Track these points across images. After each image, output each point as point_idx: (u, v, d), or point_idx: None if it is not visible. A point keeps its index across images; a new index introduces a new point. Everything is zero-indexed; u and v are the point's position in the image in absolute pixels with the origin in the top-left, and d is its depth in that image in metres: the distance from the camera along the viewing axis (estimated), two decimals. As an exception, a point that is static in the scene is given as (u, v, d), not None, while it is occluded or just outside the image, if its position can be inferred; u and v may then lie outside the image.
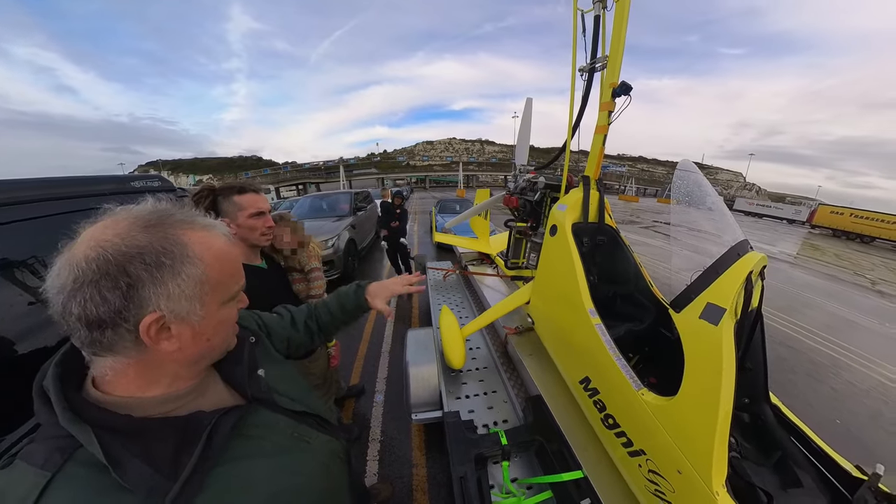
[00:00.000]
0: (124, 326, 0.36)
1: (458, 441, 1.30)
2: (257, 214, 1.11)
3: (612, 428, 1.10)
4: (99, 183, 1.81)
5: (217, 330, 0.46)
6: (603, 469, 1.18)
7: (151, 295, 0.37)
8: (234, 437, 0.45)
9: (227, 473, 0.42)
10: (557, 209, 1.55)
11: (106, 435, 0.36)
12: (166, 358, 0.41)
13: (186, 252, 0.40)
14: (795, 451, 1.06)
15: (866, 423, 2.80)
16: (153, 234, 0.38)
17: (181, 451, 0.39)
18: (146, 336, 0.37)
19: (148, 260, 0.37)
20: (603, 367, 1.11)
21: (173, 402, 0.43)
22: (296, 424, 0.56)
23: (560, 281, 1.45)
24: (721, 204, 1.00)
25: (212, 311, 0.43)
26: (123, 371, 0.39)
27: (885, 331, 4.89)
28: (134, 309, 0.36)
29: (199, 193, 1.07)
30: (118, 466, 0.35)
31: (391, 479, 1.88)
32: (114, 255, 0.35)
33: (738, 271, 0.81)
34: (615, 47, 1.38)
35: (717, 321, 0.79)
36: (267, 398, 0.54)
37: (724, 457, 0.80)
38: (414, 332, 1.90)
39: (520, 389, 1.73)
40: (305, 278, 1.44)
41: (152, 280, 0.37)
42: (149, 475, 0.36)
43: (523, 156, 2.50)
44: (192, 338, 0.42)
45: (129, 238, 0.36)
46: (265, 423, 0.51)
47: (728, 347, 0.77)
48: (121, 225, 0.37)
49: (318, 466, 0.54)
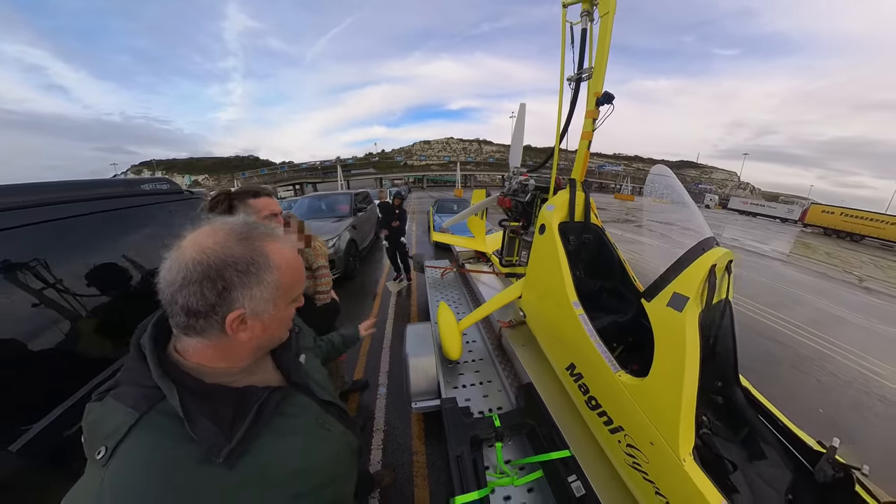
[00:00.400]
0: (214, 318, 0.44)
1: (455, 424, 1.40)
2: (271, 216, 1.18)
3: (594, 409, 1.21)
4: (110, 186, 1.89)
5: (280, 325, 0.54)
6: (588, 447, 1.29)
7: (239, 296, 0.45)
8: (277, 414, 0.51)
9: (268, 443, 0.48)
10: (546, 209, 1.65)
11: (185, 392, 0.43)
12: (238, 345, 0.49)
13: (269, 262, 0.47)
14: (762, 428, 1.16)
15: (847, 412, 2.90)
16: (245, 245, 0.46)
17: (236, 417, 0.46)
18: (230, 328, 0.45)
19: (240, 268, 0.45)
20: (586, 353, 1.21)
21: (233, 376, 0.50)
22: (322, 412, 0.61)
23: (548, 276, 1.56)
24: (692, 204, 1.11)
25: (280, 310, 0.51)
26: (201, 349, 0.48)
27: (870, 325, 5.03)
28: (224, 306, 0.44)
29: (217, 198, 1.13)
30: (191, 420, 0.42)
31: (393, 466, 1.98)
32: (214, 262, 0.43)
33: (702, 264, 0.91)
34: (600, 59, 1.48)
35: (682, 308, 0.89)
36: (304, 384, 0.61)
37: (690, 428, 0.90)
38: (413, 327, 2.00)
39: (513, 378, 1.83)
40: (313, 276, 1.52)
41: (241, 284, 0.45)
42: (213, 432, 0.42)
43: (517, 158, 2.61)
44: (262, 330, 0.49)
45: (226, 247, 0.44)
46: (301, 406, 0.57)
47: (692, 331, 0.88)
48: (219, 234, 0.45)
49: (334, 453, 0.60)
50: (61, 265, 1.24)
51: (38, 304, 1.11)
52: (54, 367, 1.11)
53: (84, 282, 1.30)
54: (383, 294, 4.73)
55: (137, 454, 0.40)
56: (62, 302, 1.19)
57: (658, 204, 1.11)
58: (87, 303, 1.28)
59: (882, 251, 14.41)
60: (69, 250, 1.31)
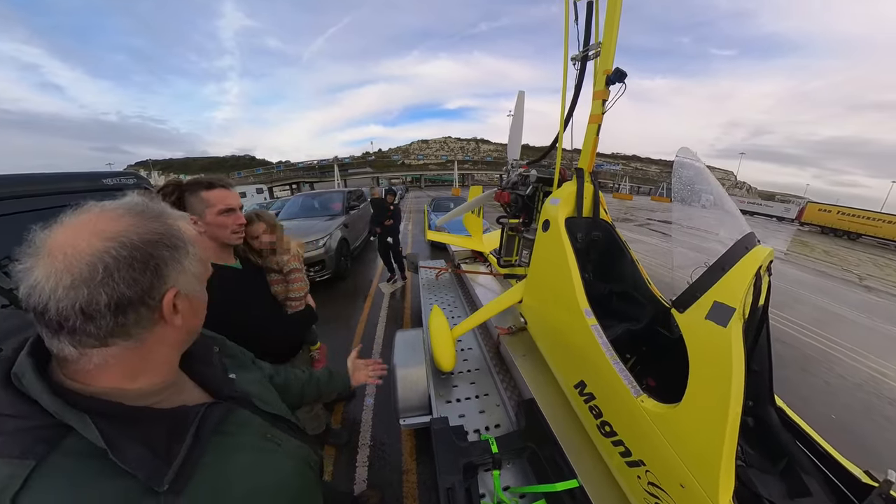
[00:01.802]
0: (148, 304, 0.39)
1: (446, 449, 1.22)
2: (227, 211, 1.03)
3: (608, 436, 1.03)
4: (69, 180, 1.69)
5: (202, 307, 0.50)
6: (599, 478, 1.11)
7: (172, 271, 0.41)
8: (217, 432, 0.46)
9: (213, 463, 0.43)
10: (550, 203, 1.47)
11: (101, 421, 0.36)
12: (163, 339, 0.43)
13: (185, 235, 0.45)
14: (802, 457, 1.00)
15: (860, 418, 2.80)
16: (160, 221, 0.42)
17: (173, 440, 0.40)
18: (167, 309, 0.41)
19: (168, 242, 0.41)
20: (599, 372, 1.04)
21: (155, 396, 0.44)
22: (269, 426, 0.57)
23: (553, 279, 1.37)
24: (724, 194, 0.93)
25: (202, 288, 0.49)
26: (120, 360, 0.40)
27: (873, 325, 4.96)
28: (159, 286, 0.40)
29: (165, 189, 0.99)
30: (117, 450, 0.35)
31: (380, 485, 1.79)
32: (141, 241, 0.39)
33: (747, 266, 0.74)
34: (609, 33, 1.30)
35: (726, 322, 0.72)
36: (243, 398, 0.56)
37: (731, 470, 0.73)
38: (402, 334, 1.82)
39: (512, 392, 1.65)
40: (285, 279, 1.35)
41: (173, 258, 0.42)
42: (149, 458, 0.37)
43: (516, 150, 2.43)
44: (191, 312, 0.46)
45: (144, 226, 0.40)
46: (242, 422, 0.53)
47: (738, 351, 0.70)
48: (126, 217, 0.40)
49: (290, 469, 0.55)
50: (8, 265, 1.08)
51: None
52: None
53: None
54: (375, 295, 4.54)
55: None
56: None
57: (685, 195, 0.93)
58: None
59: (880, 249, 14.47)
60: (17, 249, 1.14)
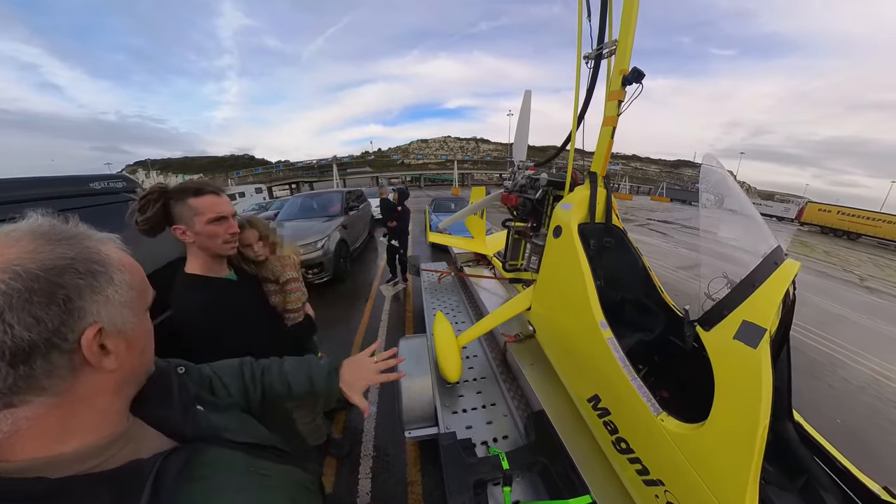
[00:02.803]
0: (61, 347, 0.32)
1: (455, 466, 1.18)
2: (218, 219, 0.95)
3: (624, 453, 1.00)
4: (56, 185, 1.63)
5: (146, 341, 0.44)
6: (614, 494, 1.08)
7: (90, 304, 0.34)
8: (185, 482, 0.39)
9: None
10: (561, 208, 1.43)
11: None
12: (97, 387, 0.36)
13: (109, 259, 0.38)
14: (820, 473, 0.97)
15: (865, 422, 2.78)
16: (73, 244, 0.35)
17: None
18: (89, 351, 0.34)
19: (80, 268, 0.34)
20: (615, 387, 1.00)
21: (100, 455, 0.36)
22: (252, 459, 0.50)
23: (565, 287, 1.34)
24: (749, 204, 0.89)
25: (140, 319, 0.42)
26: (39, 421, 0.33)
27: (875, 326, 4.95)
28: (73, 323, 0.33)
29: (148, 196, 0.88)
30: None
31: (385, 498, 1.76)
32: (41, 269, 0.32)
33: (778, 283, 0.70)
34: (625, 30, 1.25)
35: (756, 343, 0.68)
36: (212, 434, 0.49)
37: (755, 494, 0.70)
38: (406, 341, 1.78)
39: (521, 402, 1.62)
40: (281, 290, 1.29)
41: (90, 287, 0.35)
42: None
43: (522, 151, 2.38)
44: (127, 350, 0.39)
45: (48, 251, 0.33)
46: (217, 462, 0.45)
47: (766, 374, 0.67)
48: (23, 242, 0.33)
49: (284, 500, 0.49)
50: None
51: None
52: None
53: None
54: (376, 298, 4.49)
55: None
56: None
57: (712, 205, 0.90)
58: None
59: (880, 249, 14.49)
60: None
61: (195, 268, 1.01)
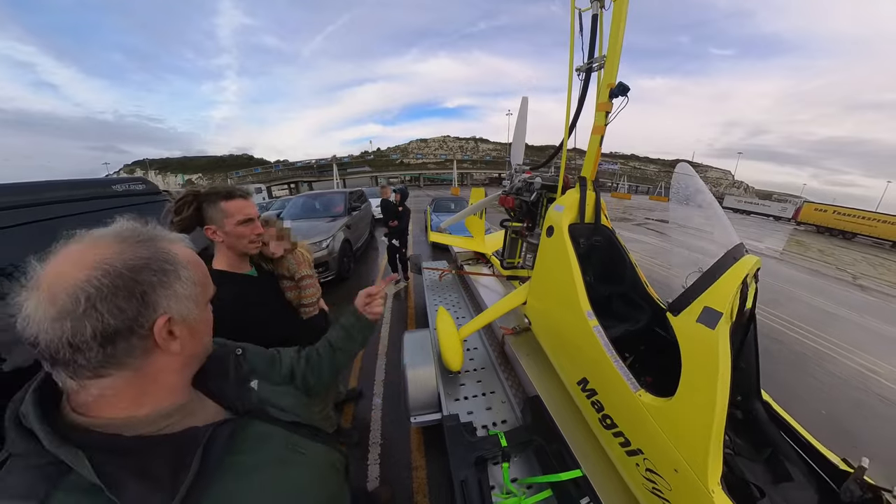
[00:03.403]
0: (139, 332, 0.38)
1: (458, 445, 1.30)
2: (246, 221, 1.05)
3: (609, 428, 1.12)
4: (80, 187, 1.73)
5: (206, 329, 0.50)
6: (601, 468, 1.20)
7: (161, 298, 0.40)
8: (230, 452, 0.45)
9: (226, 487, 0.42)
10: (554, 210, 1.55)
11: (98, 456, 0.35)
12: (166, 365, 0.43)
13: (178, 259, 0.43)
14: (785, 447, 1.09)
15: (849, 412, 2.89)
16: (149, 246, 0.41)
17: (178, 467, 0.39)
18: (160, 337, 0.40)
19: (154, 267, 0.40)
20: (601, 369, 1.12)
21: (164, 420, 0.43)
22: (290, 435, 0.55)
23: (557, 282, 1.46)
24: (717, 207, 1.01)
25: (202, 310, 0.48)
26: (122, 389, 0.39)
27: (864, 323, 5.08)
28: (147, 313, 0.39)
29: (183, 199, 0.99)
30: (113, 486, 0.34)
31: (391, 482, 1.88)
32: (125, 268, 0.38)
33: (735, 275, 0.82)
34: (613, 47, 1.37)
35: (714, 325, 0.80)
36: (259, 410, 0.55)
37: (719, 456, 0.82)
38: (410, 335, 1.89)
39: (518, 389, 1.74)
40: (297, 286, 1.39)
41: (161, 284, 0.40)
42: (147, 493, 0.36)
43: (519, 155, 2.50)
44: (190, 336, 0.45)
45: (130, 252, 0.39)
46: (260, 436, 0.51)
47: (724, 351, 0.79)
48: (112, 245, 0.39)
49: (314, 478, 0.54)
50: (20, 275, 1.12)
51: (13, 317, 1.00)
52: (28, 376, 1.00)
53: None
54: (380, 296, 4.61)
55: None
56: None
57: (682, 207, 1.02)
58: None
59: (875, 249, 14.66)
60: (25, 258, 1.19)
61: (222, 264, 1.11)
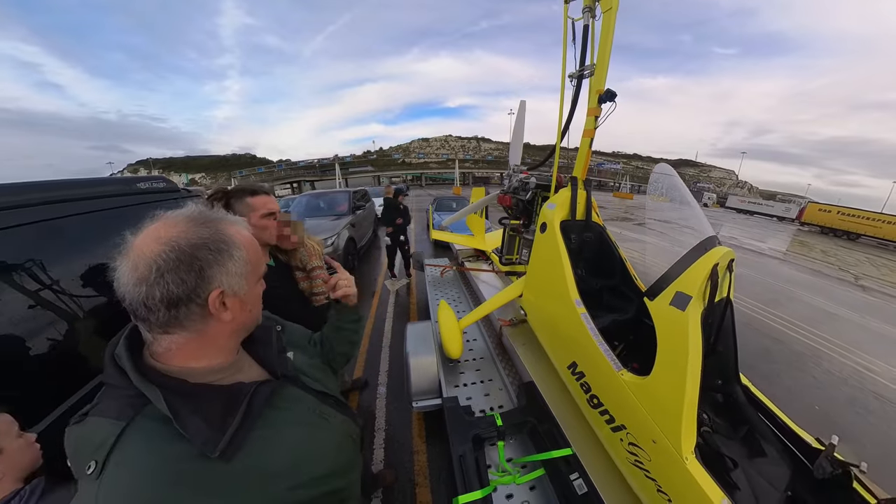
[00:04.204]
0: (197, 301, 0.45)
1: (457, 423, 1.40)
2: (269, 215, 1.18)
3: (596, 407, 1.21)
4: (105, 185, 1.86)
5: (256, 303, 0.56)
6: (590, 445, 1.29)
7: (216, 273, 0.46)
8: (268, 407, 0.52)
9: (262, 436, 0.48)
10: (547, 208, 1.65)
11: (168, 395, 0.43)
12: (219, 330, 0.49)
13: (234, 240, 0.49)
14: (762, 426, 1.17)
15: (843, 408, 2.94)
16: (209, 227, 0.47)
17: (227, 413, 0.46)
18: (213, 307, 0.46)
19: (212, 247, 0.46)
20: (587, 352, 1.21)
21: (217, 373, 0.50)
22: (318, 403, 0.62)
23: (549, 275, 1.55)
24: (694, 203, 1.10)
25: (252, 287, 0.53)
26: (184, 345, 0.47)
27: (864, 323, 5.09)
28: (204, 286, 0.45)
29: (214, 195, 1.15)
30: (179, 419, 0.42)
31: (395, 465, 1.98)
32: (187, 246, 0.44)
33: (705, 264, 0.91)
34: (602, 56, 1.47)
35: (685, 307, 0.89)
36: (294, 377, 0.62)
37: (692, 426, 0.90)
38: (413, 326, 1.99)
39: (514, 377, 1.83)
40: (308, 276, 1.50)
41: (217, 261, 0.46)
42: (204, 428, 0.43)
43: (517, 156, 2.60)
44: (240, 308, 0.51)
45: (193, 232, 0.46)
46: (293, 398, 0.58)
47: (694, 330, 0.88)
48: (180, 224, 0.46)
49: (334, 442, 0.61)
50: (58, 265, 1.22)
51: (35, 306, 1.10)
52: (52, 369, 1.10)
53: (81, 282, 1.28)
54: (382, 292, 4.72)
55: (130, 459, 0.40)
56: (59, 303, 1.17)
57: (660, 202, 1.11)
58: (84, 304, 1.27)
59: (879, 250, 14.54)
60: (66, 250, 1.30)
61: None
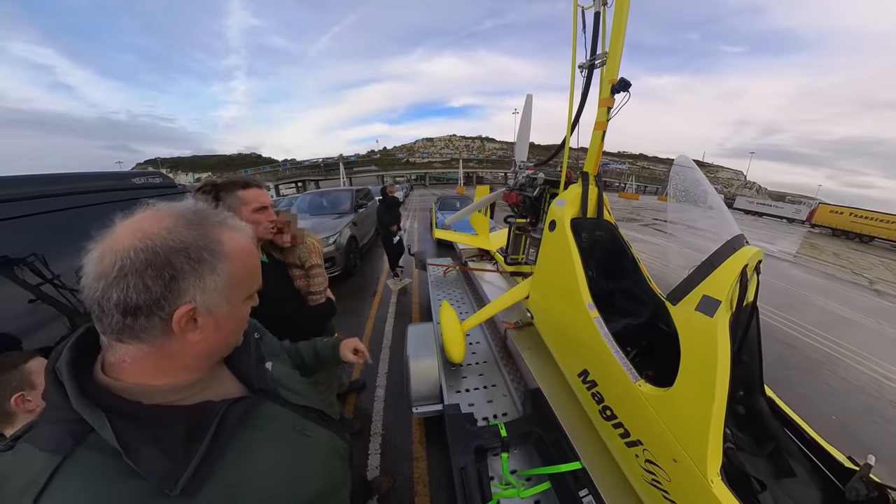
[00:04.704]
0: (158, 315, 0.37)
1: (459, 433, 1.32)
2: (261, 209, 1.12)
3: (609, 419, 1.12)
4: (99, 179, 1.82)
5: (235, 326, 0.48)
6: (601, 460, 1.20)
7: (189, 287, 0.39)
8: (241, 427, 0.46)
9: (234, 462, 0.42)
10: (556, 205, 1.56)
11: (118, 420, 0.36)
12: (185, 349, 0.42)
13: (222, 249, 0.42)
14: (789, 443, 1.08)
15: (860, 418, 2.83)
16: (197, 230, 0.40)
17: (191, 439, 0.39)
18: (177, 325, 0.39)
19: (192, 255, 0.39)
20: (601, 360, 1.13)
21: (181, 392, 0.43)
22: (299, 418, 0.56)
23: (559, 276, 1.47)
24: (717, 199, 1.02)
25: (235, 307, 0.45)
26: (140, 359, 0.40)
27: (881, 329, 4.92)
28: (171, 299, 0.38)
29: (202, 188, 1.07)
30: (130, 451, 0.35)
31: (392, 472, 1.90)
32: (162, 248, 0.37)
33: (734, 265, 0.83)
34: (615, 44, 1.38)
35: (713, 313, 0.80)
36: (272, 390, 0.56)
37: (718, 446, 0.82)
38: (414, 327, 1.92)
39: (519, 383, 1.75)
40: (306, 274, 1.44)
41: (193, 272, 0.39)
42: (161, 460, 0.36)
43: (523, 152, 2.51)
44: (214, 330, 0.43)
45: (175, 233, 0.38)
46: (270, 415, 0.52)
47: (723, 338, 0.79)
48: (167, 220, 0.39)
49: (319, 461, 0.55)
50: (50, 258, 1.21)
51: (33, 301, 1.07)
52: None
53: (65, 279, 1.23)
54: (384, 292, 4.66)
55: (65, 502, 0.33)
56: (55, 296, 1.15)
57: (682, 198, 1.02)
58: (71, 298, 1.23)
59: (893, 253, 14.17)
60: (56, 244, 1.26)
61: None
